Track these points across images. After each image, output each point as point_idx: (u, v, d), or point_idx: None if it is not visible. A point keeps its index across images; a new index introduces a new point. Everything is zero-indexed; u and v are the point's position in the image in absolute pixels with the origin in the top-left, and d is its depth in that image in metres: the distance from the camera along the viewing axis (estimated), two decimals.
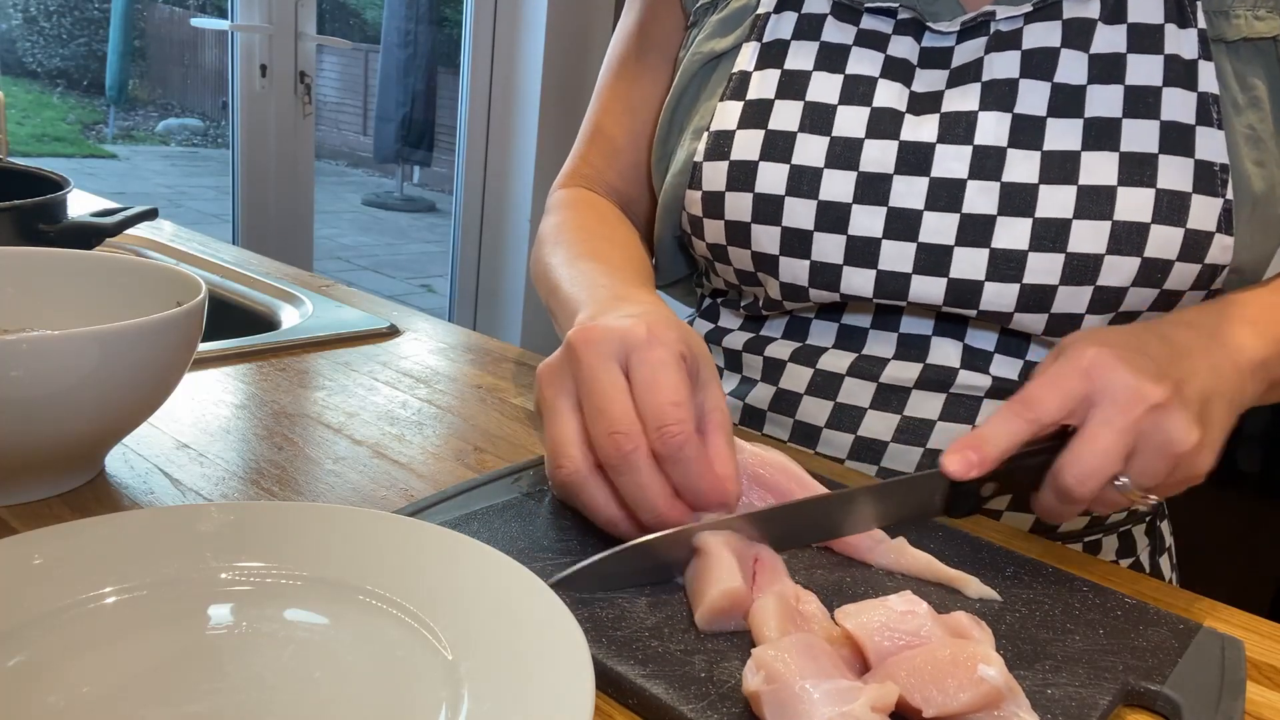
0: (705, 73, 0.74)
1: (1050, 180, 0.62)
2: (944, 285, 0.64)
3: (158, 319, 0.50)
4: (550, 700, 0.36)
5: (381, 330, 0.87)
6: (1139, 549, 0.75)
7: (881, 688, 0.37)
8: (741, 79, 0.71)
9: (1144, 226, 0.61)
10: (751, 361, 0.74)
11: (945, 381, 0.68)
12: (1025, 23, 0.64)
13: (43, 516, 0.51)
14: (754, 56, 0.71)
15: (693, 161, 0.71)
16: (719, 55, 0.73)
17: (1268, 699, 0.46)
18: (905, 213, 0.65)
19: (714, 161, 0.70)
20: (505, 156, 3.34)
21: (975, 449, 0.48)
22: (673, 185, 0.74)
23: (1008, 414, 0.49)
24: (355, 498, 0.56)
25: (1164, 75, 0.62)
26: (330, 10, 5.14)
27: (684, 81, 0.75)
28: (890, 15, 0.68)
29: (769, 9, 0.71)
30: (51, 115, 5.48)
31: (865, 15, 0.68)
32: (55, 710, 0.35)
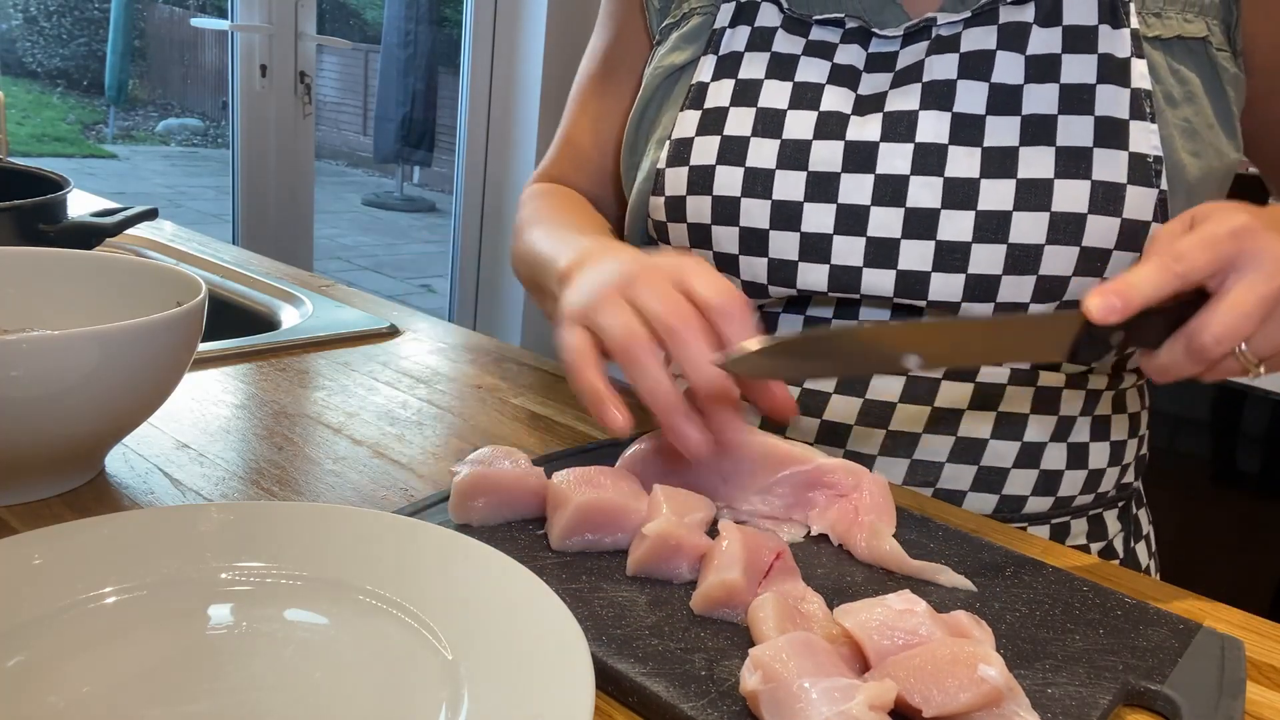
0: (668, 85, 0.78)
1: (990, 174, 0.65)
2: (893, 277, 0.67)
3: (158, 319, 0.50)
4: (550, 700, 0.36)
5: (381, 330, 0.87)
6: (1110, 533, 0.76)
7: (880, 686, 0.37)
8: (699, 89, 0.74)
9: (1081, 217, 0.63)
10: None
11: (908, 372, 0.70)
12: (964, 27, 0.68)
13: (43, 516, 0.51)
14: (711, 68, 0.74)
15: (656, 168, 0.75)
16: (680, 68, 0.77)
17: (1268, 699, 0.46)
18: (854, 209, 0.67)
19: (675, 168, 0.73)
20: (505, 156, 3.34)
21: (1120, 294, 0.48)
22: (639, 192, 0.78)
23: (1157, 265, 0.49)
24: (355, 498, 0.56)
25: (1098, 73, 0.65)
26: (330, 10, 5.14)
27: (648, 94, 0.79)
28: (838, 25, 0.71)
29: (724, 24, 0.75)
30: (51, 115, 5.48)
31: (814, 27, 0.72)
32: (55, 710, 0.35)
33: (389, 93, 4.85)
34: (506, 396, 0.75)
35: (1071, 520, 0.74)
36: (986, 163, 0.65)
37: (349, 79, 6.36)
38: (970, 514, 0.64)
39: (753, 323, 0.50)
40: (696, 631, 0.44)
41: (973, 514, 0.64)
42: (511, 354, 0.86)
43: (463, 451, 0.64)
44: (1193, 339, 0.50)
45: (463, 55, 3.20)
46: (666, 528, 0.47)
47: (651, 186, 0.75)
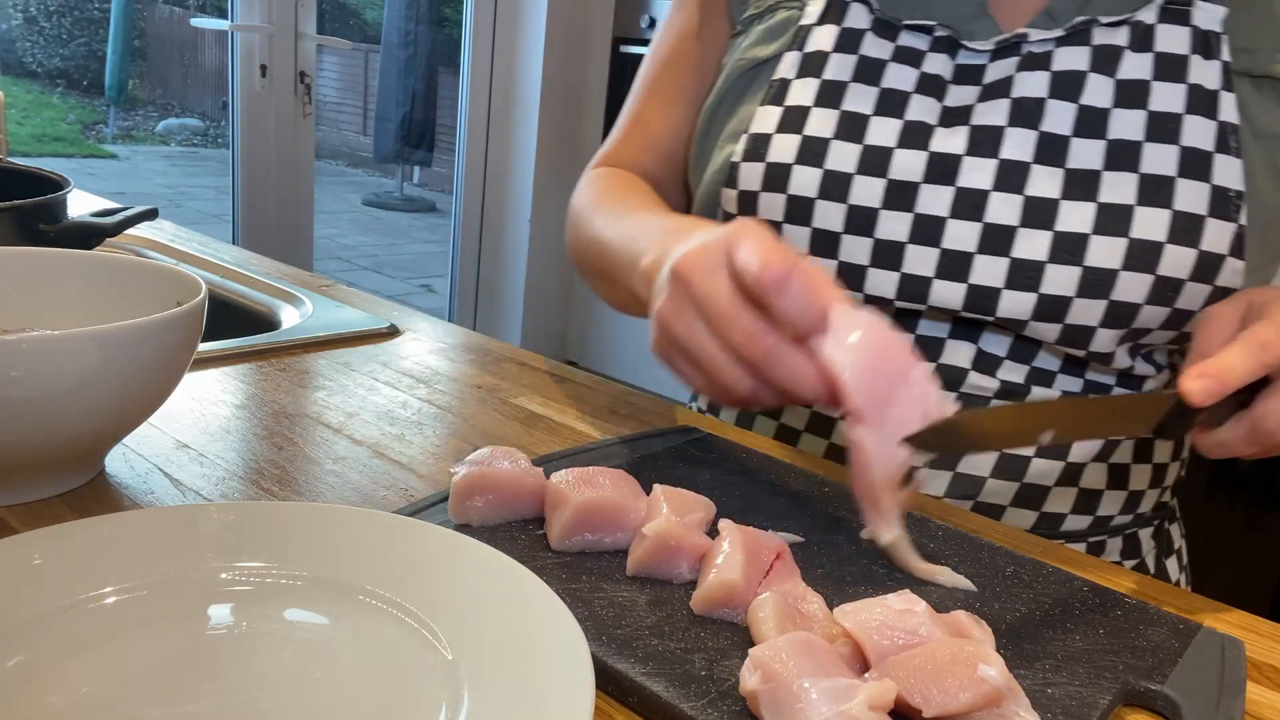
0: (747, 78, 0.77)
1: (1072, 196, 0.65)
2: (963, 291, 0.67)
3: (158, 319, 0.50)
4: (550, 700, 0.36)
5: (381, 330, 0.87)
6: (1144, 551, 0.76)
7: (879, 685, 0.37)
8: (781, 86, 0.73)
9: (1159, 245, 0.63)
10: None
11: (955, 381, 0.70)
12: (1056, 46, 0.67)
13: (43, 516, 0.51)
14: (795, 65, 0.74)
15: (730, 161, 0.74)
16: (761, 62, 0.76)
17: (1268, 699, 0.46)
18: (930, 219, 0.67)
19: (750, 163, 0.72)
20: (505, 156, 3.34)
21: (1218, 379, 0.50)
22: (710, 183, 0.77)
23: (1246, 351, 0.51)
24: (355, 498, 0.56)
25: (1186, 103, 0.65)
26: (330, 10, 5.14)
27: (726, 85, 0.78)
28: (927, 33, 0.71)
29: (812, 21, 0.74)
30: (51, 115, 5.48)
31: (903, 32, 0.71)
32: (55, 710, 0.35)
33: (389, 93, 4.85)
34: (506, 396, 0.75)
35: (1108, 539, 0.74)
36: (1069, 184, 0.65)
37: (349, 79, 6.36)
38: (970, 514, 0.64)
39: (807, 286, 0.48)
40: (696, 631, 0.44)
41: (972, 514, 0.64)
42: (511, 354, 0.86)
43: (463, 451, 0.64)
44: (1258, 424, 0.52)
45: (463, 55, 3.20)
46: (666, 528, 0.47)
47: (725, 179, 0.75)
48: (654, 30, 3.13)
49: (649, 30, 3.17)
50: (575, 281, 3.52)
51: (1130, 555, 0.75)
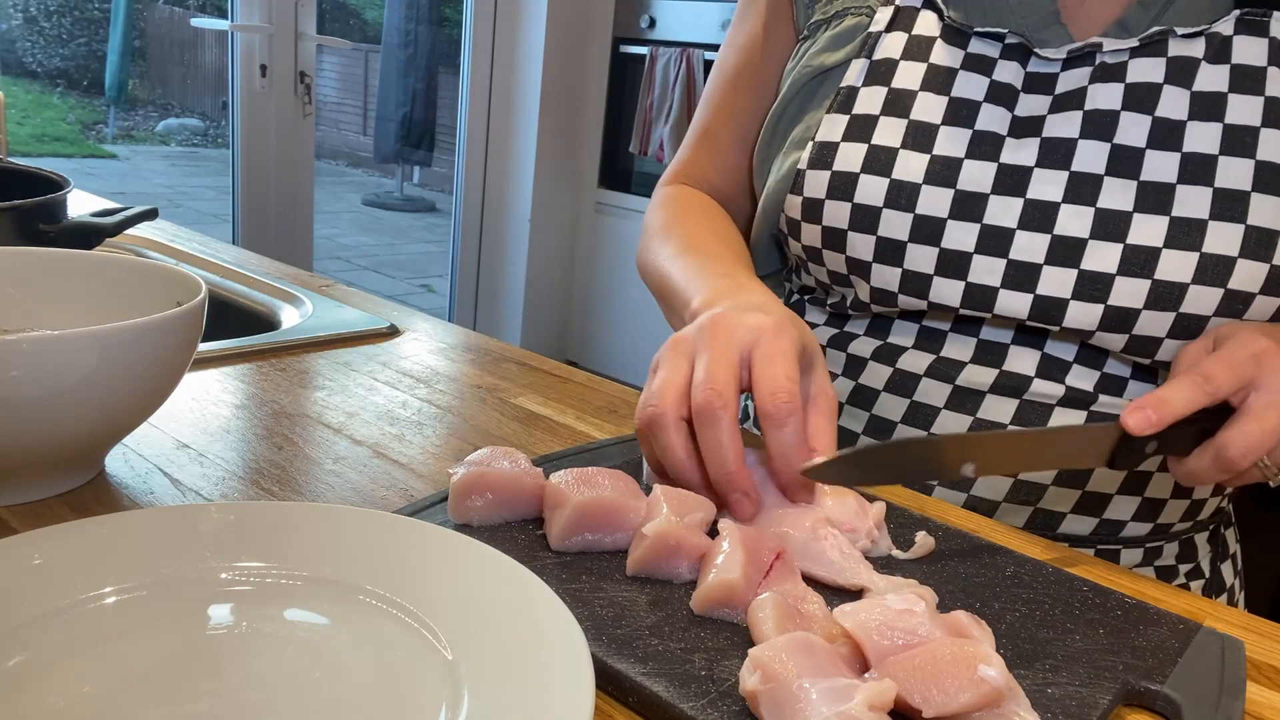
0: (813, 85, 0.76)
1: (1144, 209, 0.64)
2: (1030, 301, 0.67)
3: (158, 319, 0.50)
4: (550, 700, 0.36)
5: (381, 330, 0.87)
6: (1200, 555, 0.76)
7: (879, 685, 0.37)
8: (849, 93, 0.73)
9: (1231, 260, 0.63)
10: (834, 356, 0.77)
11: (1019, 388, 0.70)
12: (1130, 57, 0.66)
13: (43, 516, 0.51)
14: (862, 73, 0.73)
15: (796, 169, 0.74)
16: (828, 69, 0.75)
17: (1268, 699, 0.46)
18: (998, 230, 0.67)
19: (816, 170, 0.72)
20: (505, 156, 3.34)
21: (1155, 409, 0.53)
22: (775, 189, 0.77)
23: (1187, 383, 0.54)
24: (355, 498, 0.56)
25: (1263, 116, 0.64)
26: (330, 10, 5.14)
27: (791, 92, 0.78)
28: (998, 40, 0.70)
29: (880, 28, 0.73)
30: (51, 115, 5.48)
31: (974, 39, 0.70)
32: (55, 710, 0.35)
33: (389, 93, 4.85)
34: (506, 396, 0.75)
35: (1165, 544, 0.74)
36: (1141, 197, 0.64)
37: (349, 79, 6.36)
38: (969, 514, 0.64)
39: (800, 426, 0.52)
40: (696, 631, 0.44)
41: (971, 514, 0.64)
42: (511, 354, 0.86)
43: (463, 451, 0.64)
44: (1220, 452, 0.54)
45: (463, 55, 3.20)
46: (665, 528, 0.47)
47: (789, 185, 0.74)
48: (654, 30, 3.14)
49: (649, 30, 3.17)
50: (575, 281, 3.52)
51: (1186, 560, 0.75)
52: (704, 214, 0.83)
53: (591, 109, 3.35)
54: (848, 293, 0.76)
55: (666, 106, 3.09)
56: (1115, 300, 0.65)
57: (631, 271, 3.37)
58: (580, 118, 3.36)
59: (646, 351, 3.31)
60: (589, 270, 3.47)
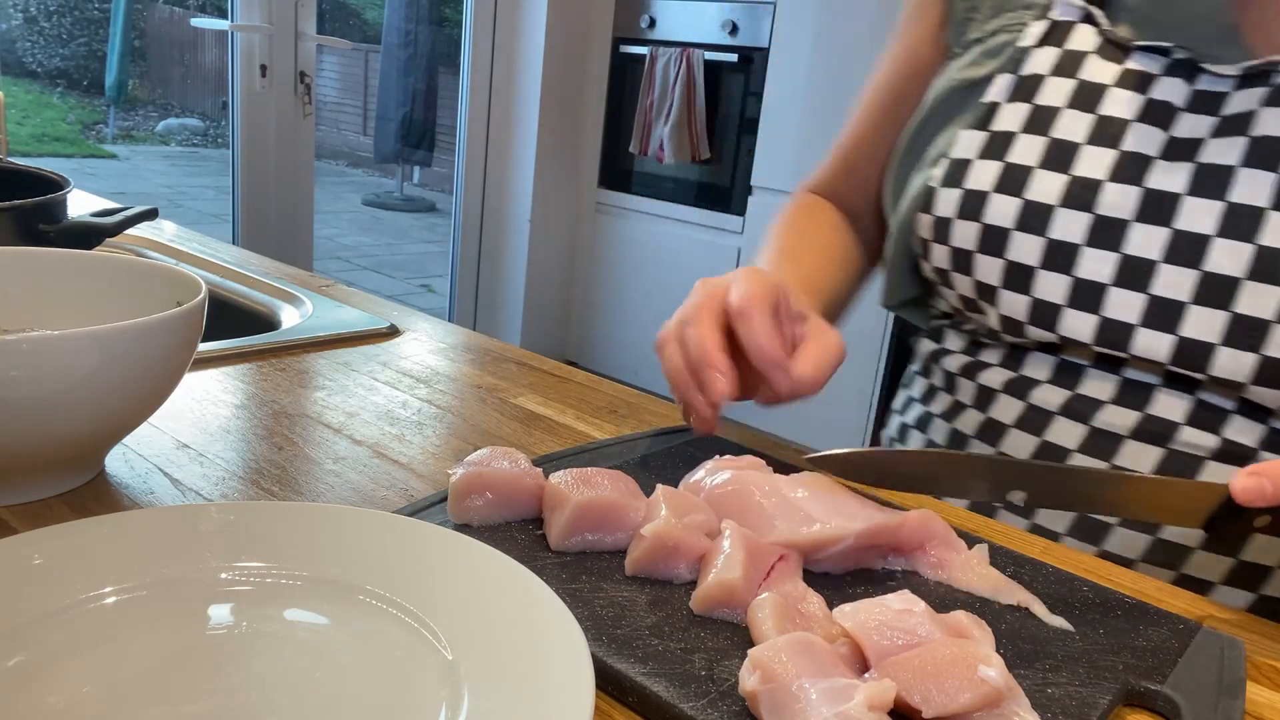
0: (955, 100, 0.73)
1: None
2: (1172, 343, 0.61)
3: (158, 319, 0.50)
4: (550, 700, 0.36)
5: (381, 330, 0.87)
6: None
7: (879, 685, 0.37)
8: (989, 109, 0.70)
9: None
10: (965, 386, 0.74)
11: (1165, 435, 0.64)
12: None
13: (43, 516, 0.51)
14: (1006, 88, 0.69)
15: (928, 186, 0.71)
16: (972, 84, 0.72)
17: (1268, 699, 0.46)
18: (1139, 261, 0.62)
19: (948, 188, 0.69)
20: (505, 156, 3.34)
21: (1271, 480, 0.47)
22: (909, 208, 0.74)
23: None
24: (355, 498, 0.56)
25: None
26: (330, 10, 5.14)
27: (933, 107, 0.75)
28: (1163, 55, 0.64)
29: (1031, 43, 0.69)
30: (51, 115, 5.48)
31: (1134, 55, 0.65)
32: (55, 710, 0.35)
33: (389, 93, 4.85)
34: (506, 396, 0.75)
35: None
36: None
37: (349, 79, 6.36)
38: (969, 513, 0.64)
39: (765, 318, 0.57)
40: (696, 631, 0.44)
41: (971, 513, 0.64)
42: (511, 354, 0.86)
43: (463, 451, 0.64)
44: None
45: (463, 55, 3.20)
46: (664, 529, 0.47)
47: (922, 204, 0.71)
48: (654, 30, 3.14)
49: (649, 30, 3.17)
50: (575, 281, 3.52)
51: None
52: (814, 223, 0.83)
53: (591, 109, 3.36)
54: (979, 320, 0.72)
55: (666, 106, 3.09)
56: (1273, 350, 0.58)
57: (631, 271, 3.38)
58: (580, 118, 3.36)
59: (646, 352, 3.30)
60: (589, 270, 3.47)
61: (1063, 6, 0.69)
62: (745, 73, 2.98)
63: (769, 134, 2.91)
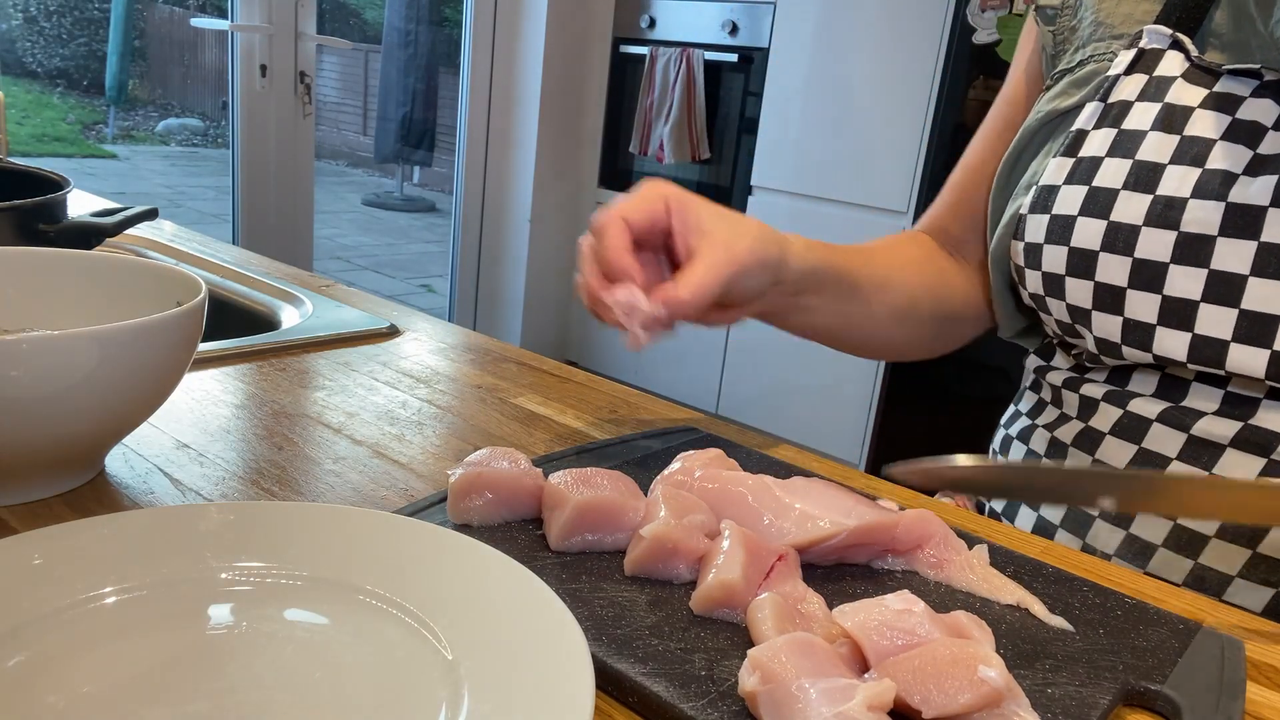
0: (1046, 131, 0.74)
1: None
2: (1267, 357, 0.60)
3: (158, 319, 0.50)
4: (550, 700, 0.36)
5: (381, 330, 0.87)
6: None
7: (878, 685, 0.37)
8: (1077, 136, 0.70)
9: None
10: (1069, 398, 0.74)
11: (1268, 445, 0.63)
12: None
13: (43, 516, 0.51)
14: (1094, 115, 0.70)
15: (1018, 213, 0.72)
16: (1062, 113, 0.73)
17: (1268, 699, 0.46)
18: (1227, 276, 0.62)
19: (1036, 214, 0.70)
20: (505, 156, 3.34)
21: None
22: (1001, 237, 0.75)
23: None
24: (355, 498, 0.56)
25: None
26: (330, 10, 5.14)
27: (1026, 138, 0.76)
28: (1255, 77, 0.64)
29: (1119, 70, 0.70)
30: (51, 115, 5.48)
31: (1224, 78, 0.65)
32: (55, 710, 0.35)
33: (389, 93, 4.85)
34: (506, 396, 0.75)
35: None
36: None
37: (349, 79, 6.36)
38: (969, 514, 0.64)
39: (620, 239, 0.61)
40: (696, 631, 0.44)
41: (971, 513, 0.64)
42: (511, 354, 0.86)
43: (463, 451, 0.64)
44: None
45: (463, 55, 3.20)
46: (663, 530, 0.47)
47: (1013, 231, 0.72)
48: (654, 30, 3.14)
49: (649, 30, 3.17)
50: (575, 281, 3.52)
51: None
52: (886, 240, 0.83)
53: (591, 109, 3.36)
54: (1080, 344, 0.72)
55: (666, 106, 3.09)
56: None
57: None
58: (580, 118, 3.36)
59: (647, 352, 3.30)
60: None
61: (1151, 35, 0.69)
62: (745, 73, 2.98)
63: (769, 134, 2.91)
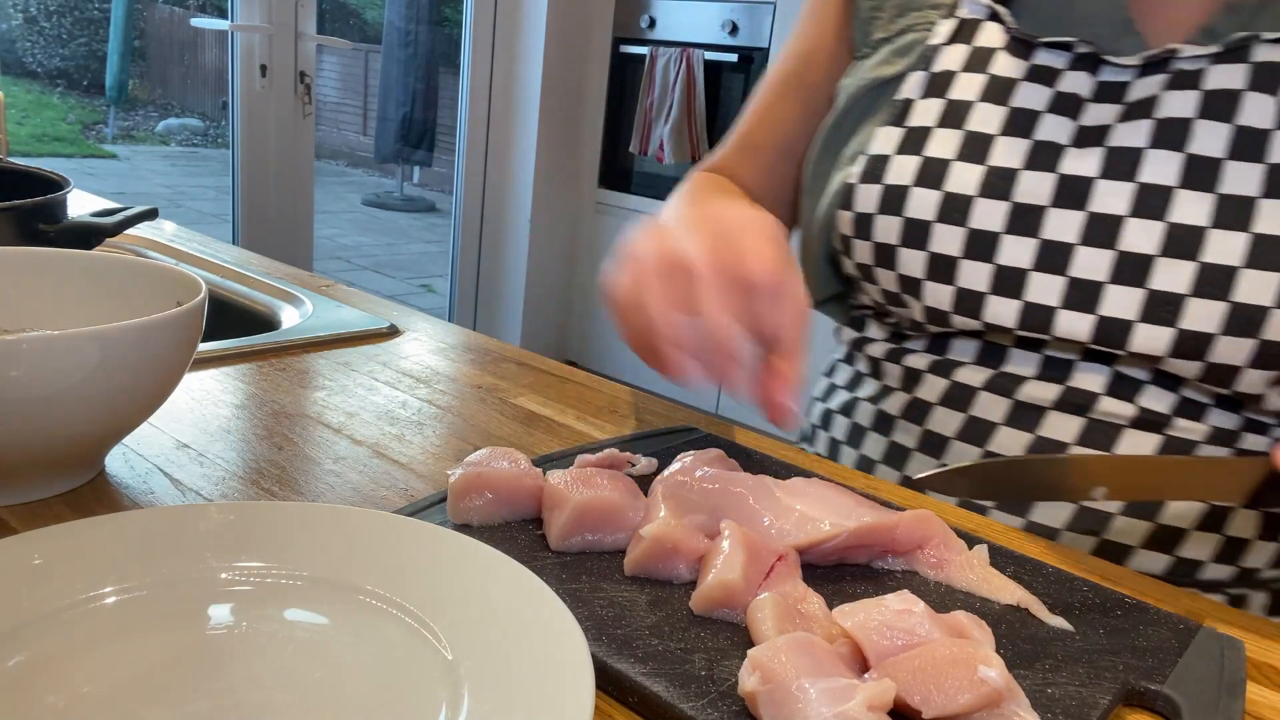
0: (869, 99, 0.74)
1: (1222, 225, 0.60)
2: (1092, 322, 0.63)
3: (158, 319, 0.50)
4: (550, 700, 0.36)
5: (381, 330, 0.87)
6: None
7: (878, 685, 0.37)
8: (904, 106, 0.71)
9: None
10: (890, 370, 0.75)
11: (1085, 405, 0.66)
12: (1210, 64, 0.63)
13: (43, 516, 0.51)
14: (919, 85, 0.71)
15: (847, 183, 0.72)
16: (885, 81, 0.73)
17: (1268, 699, 0.46)
18: (1056, 245, 0.64)
19: (867, 184, 0.70)
20: (505, 156, 3.34)
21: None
22: (828, 206, 0.75)
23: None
24: (355, 498, 0.56)
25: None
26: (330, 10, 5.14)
27: (847, 106, 0.76)
28: (1067, 50, 0.67)
29: (940, 40, 0.71)
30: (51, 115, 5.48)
31: (1040, 50, 0.67)
32: (55, 710, 0.35)
33: (389, 93, 4.85)
34: (506, 396, 0.75)
35: (1251, 592, 0.69)
36: (1219, 211, 0.60)
37: (349, 79, 6.36)
38: (970, 514, 0.64)
39: (802, 299, 0.51)
40: (696, 631, 0.44)
41: (972, 514, 0.64)
42: (511, 354, 0.86)
43: (463, 451, 0.64)
44: None
45: (463, 55, 3.20)
46: (663, 530, 0.47)
47: (841, 201, 0.72)
48: (654, 30, 3.14)
49: (649, 30, 3.17)
50: (575, 281, 3.52)
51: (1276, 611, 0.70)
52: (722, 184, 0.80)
53: (591, 109, 3.36)
54: (903, 314, 0.73)
55: (666, 106, 3.09)
56: (1188, 324, 0.61)
57: None
58: (580, 118, 3.36)
59: None
60: (589, 270, 3.47)
61: (969, 5, 0.71)
62: (745, 73, 2.98)
63: None
